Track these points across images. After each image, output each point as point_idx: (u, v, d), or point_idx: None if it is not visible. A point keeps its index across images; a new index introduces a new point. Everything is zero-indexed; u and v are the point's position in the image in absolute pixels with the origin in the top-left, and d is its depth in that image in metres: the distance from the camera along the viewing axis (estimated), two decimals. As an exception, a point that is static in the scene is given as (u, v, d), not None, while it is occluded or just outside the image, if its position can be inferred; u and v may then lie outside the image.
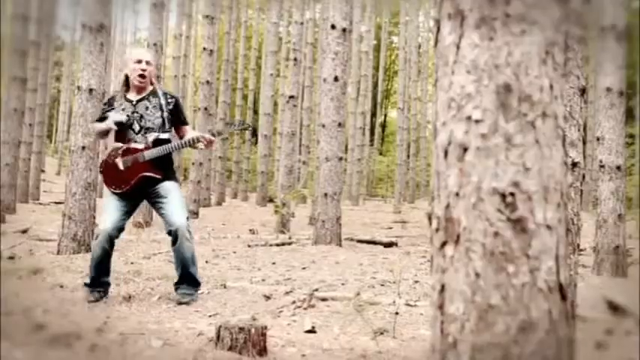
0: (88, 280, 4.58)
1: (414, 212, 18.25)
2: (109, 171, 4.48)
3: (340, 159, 8.12)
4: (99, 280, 4.53)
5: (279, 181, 12.60)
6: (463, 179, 1.36)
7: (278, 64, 23.47)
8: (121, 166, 4.42)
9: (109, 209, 4.47)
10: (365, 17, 25.42)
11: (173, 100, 4.55)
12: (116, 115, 4.40)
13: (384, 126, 43.57)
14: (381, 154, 36.96)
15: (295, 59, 12.16)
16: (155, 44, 11.31)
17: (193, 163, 13.57)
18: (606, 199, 6.49)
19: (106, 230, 4.38)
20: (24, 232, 9.42)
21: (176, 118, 4.54)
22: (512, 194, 1.32)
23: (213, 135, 4.55)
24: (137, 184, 4.43)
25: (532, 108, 1.35)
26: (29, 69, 15.51)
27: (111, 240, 4.42)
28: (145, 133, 4.43)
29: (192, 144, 4.48)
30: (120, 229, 4.47)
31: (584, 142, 3.90)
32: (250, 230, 9.62)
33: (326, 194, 7.98)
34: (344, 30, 8.12)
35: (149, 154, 4.39)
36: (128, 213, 4.54)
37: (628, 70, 7.16)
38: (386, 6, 30.76)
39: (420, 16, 35.11)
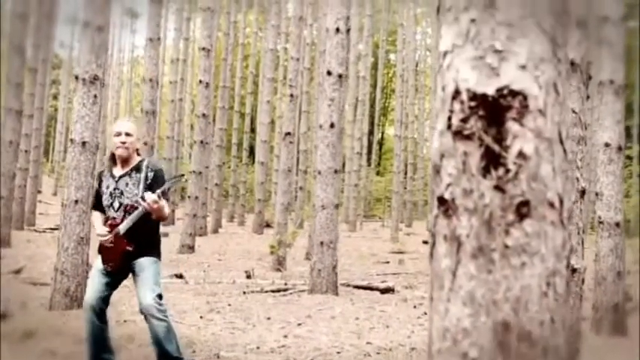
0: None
1: (412, 240, 18.19)
2: (101, 251, 4.48)
3: (336, 206, 8.04)
4: (98, 357, 4.45)
5: (275, 215, 12.52)
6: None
7: (275, 82, 23.44)
8: (106, 243, 4.40)
9: (90, 282, 4.52)
10: (362, 37, 25.39)
11: (152, 172, 4.48)
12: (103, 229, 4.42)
13: (381, 144, 43.56)
14: (378, 173, 36.90)
15: (292, 95, 12.10)
16: (151, 79, 11.28)
17: (189, 197, 13.48)
18: (605, 256, 6.42)
19: (86, 302, 4.39)
20: (17, 272, 9.32)
21: (153, 190, 4.38)
22: None
23: (163, 192, 4.40)
24: (122, 261, 4.41)
25: (531, 346, 1.28)
26: (26, 94, 15.46)
27: (95, 312, 4.36)
28: (124, 210, 4.43)
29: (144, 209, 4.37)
30: (104, 300, 4.42)
31: (584, 232, 3.84)
32: (246, 273, 9.52)
33: (322, 242, 7.90)
34: (340, 76, 8.07)
35: (122, 227, 4.38)
36: (111, 286, 4.51)
37: (627, 64, 7.07)
38: (382, 25, 30.84)
39: (418, 34, 35.18)
